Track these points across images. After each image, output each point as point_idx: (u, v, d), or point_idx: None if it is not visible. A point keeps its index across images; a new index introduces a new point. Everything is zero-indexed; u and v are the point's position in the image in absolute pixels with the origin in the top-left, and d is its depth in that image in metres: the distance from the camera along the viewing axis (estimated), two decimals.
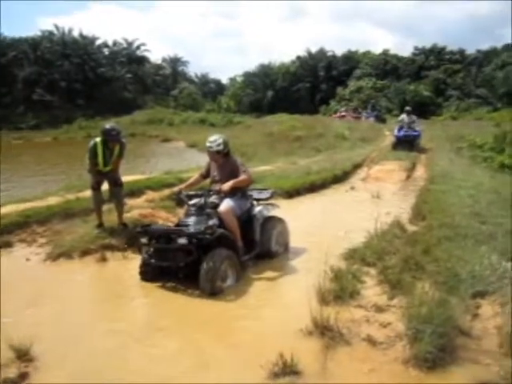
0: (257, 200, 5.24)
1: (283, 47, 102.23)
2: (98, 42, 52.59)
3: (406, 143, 14.67)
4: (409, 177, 10.99)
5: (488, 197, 6.89)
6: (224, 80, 67.21)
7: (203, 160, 5.50)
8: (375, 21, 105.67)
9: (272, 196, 5.42)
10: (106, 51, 54.13)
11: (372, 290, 3.92)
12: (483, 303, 3.52)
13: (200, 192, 4.91)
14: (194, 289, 4.15)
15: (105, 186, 5.86)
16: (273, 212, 5.32)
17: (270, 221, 5.18)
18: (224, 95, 55.62)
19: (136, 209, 6.43)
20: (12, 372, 2.84)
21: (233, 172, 4.77)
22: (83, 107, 43.05)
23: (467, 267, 3.91)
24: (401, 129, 15.37)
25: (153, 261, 4.36)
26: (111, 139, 5.51)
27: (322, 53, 54.49)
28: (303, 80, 51.82)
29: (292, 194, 8.63)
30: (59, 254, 5.15)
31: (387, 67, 49.47)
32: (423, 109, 35.26)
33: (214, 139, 4.82)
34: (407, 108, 16.70)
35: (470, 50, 49.29)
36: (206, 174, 5.09)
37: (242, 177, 4.73)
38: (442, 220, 5.62)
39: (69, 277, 4.77)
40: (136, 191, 7.50)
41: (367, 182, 10.48)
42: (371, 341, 3.10)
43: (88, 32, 51.26)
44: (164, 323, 3.71)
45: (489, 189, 7.65)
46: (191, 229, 4.24)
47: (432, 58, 48.41)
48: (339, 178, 10.57)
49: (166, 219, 6.27)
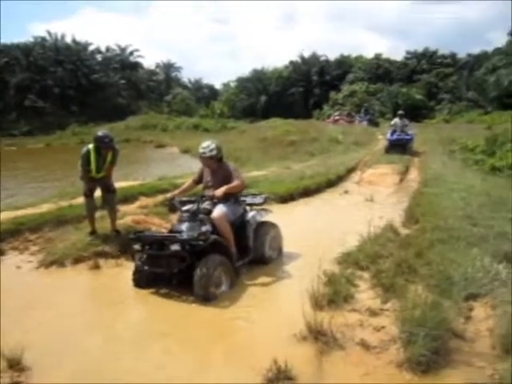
0: (250, 205, 5.25)
1: (276, 52, 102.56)
2: (91, 48, 52.65)
3: (399, 147, 14.75)
4: (402, 180, 11.05)
5: (479, 199, 6.93)
6: (217, 85, 67.45)
7: (196, 166, 5.49)
8: (368, 25, 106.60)
9: (265, 201, 5.41)
10: (99, 57, 54.17)
11: (366, 294, 3.93)
12: (476, 305, 3.54)
13: (193, 198, 4.90)
14: (188, 295, 4.14)
15: (98, 193, 5.83)
16: (266, 217, 5.32)
17: (264, 226, 5.17)
18: (217, 100, 55.70)
19: (129, 215, 6.40)
20: (4, 382, 2.81)
21: (226, 178, 4.77)
22: (76, 113, 42.99)
23: (460, 270, 3.93)
24: (394, 132, 15.47)
25: (146, 267, 4.34)
26: (104, 146, 5.50)
27: (315, 57, 54.74)
28: (296, 85, 52.01)
29: (286, 199, 8.64)
30: (51, 262, 5.12)
31: (380, 71, 49.80)
32: (416, 112, 35.43)
33: (207, 145, 4.82)
34: (400, 112, 16.81)
35: (461, 54, 49.83)
36: (199, 180, 5.08)
37: (235, 182, 4.73)
38: (435, 223, 5.65)
39: (61, 284, 4.74)
40: (129, 197, 7.48)
41: (361, 186, 10.52)
42: (365, 345, 3.11)
43: (81, 38, 51.33)
44: (157, 330, 3.69)
45: (480, 191, 7.70)
46: (184, 235, 4.22)
47: (424, 62, 48.83)
48: (333, 182, 10.59)
49: (160, 225, 6.25)
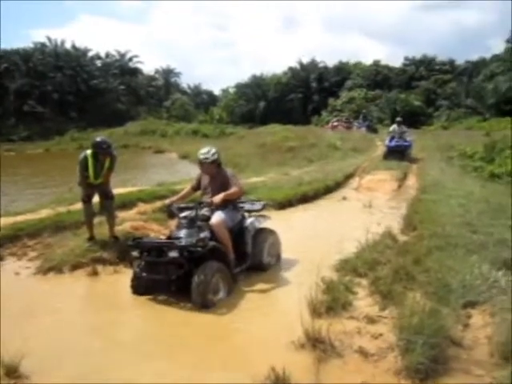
0: (248, 212, 5.25)
1: (275, 58, 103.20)
2: (91, 54, 52.84)
3: (397, 153, 14.80)
4: (400, 186, 11.07)
5: (478, 206, 6.93)
6: (216, 91, 67.74)
7: (195, 171, 5.50)
8: (366, 31, 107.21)
9: (264, 208, 5.41)
10: (99, 63, 54.39)
11: (364, 301, 3.93)
12: (474, 313, 3.53)
13: (191, 204, 4.90)
14: (186, 302, 4.13)
15: (96, 199, 5.83)
16: (264, 223, 5.32)
17: (262, 233, 5.17)
18: (216, 106, 55.90)
19: (128, 221, 6.39)
20: None
21: (224, 184, 4.77)
22: (75, 119, 43.08)
23: (458, 277, 3.93)
24: (392, 139, 15.53)
25: (144, 274, 4.33)
26: (102, 152, 5.49)
27: (314, 64, 55.02)
28: (295, 91, 52.22)
29: (284, 205, 8.64)
30: (49, 268, 5.10)
31: (378, 78, 50.07)
32: (414, 119, 35.57)
33: (207, 150, 4.83)
34: (398, 119, 16.91)
35: (460, 61, 50.14)
36: (197, 187, 5.09)
37: (234, 189, 4.73)
38: (433, 230, 5.65)
39: (59, 291, 4.72)
40: (128, 203, 7.47)
41: (359, 192, 10.54)
42: (363, 352, 3.10)
43: (80, 44, 51.57)
44: (155, 337, 3.69)
45: (479, 198, 7.71)
46: (183, 241, 4.22)
47: (422, 69, 49.13)
48: (331, 189, 10.61)
49: (158, 232, 6.25)
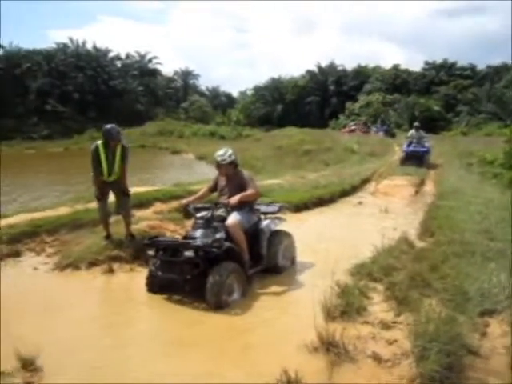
0: (264, 214, 5.25)
1: (293, 61, 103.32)
2: (111, 55, 53.49)
3: (415, 159, 14.64)
4: (417, 192, 10.94)
5: (498, 214, 6.83)
6: (235, 93, 67.96)
7: (212, 172, 5.52)
8: (386, 35, 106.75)
9: (280, 210, 5.40)
10: (119, 64, 54.98)
11: (379, 307, 3.89)
12: (492, 322, 3.47)
13: (208, 205, 4.92)
14: (200, 302, 4.15)
15: (111, 198, 5.85)
16: (280, 226, 5.32)
17: (277, 235, 5.17)
18: (234, 108, 56.03)
19: (144, 220, 6.45)
20: (17, 382, 2.85)
21: (241, 185, 4.79)
22: (95, 119, 43.59)
23: (475, 285, 3.87)
24: (410, 144, 15.38)
25: (160, 273, 4.36)
26: (111, 138, 5.50)
27: (332, 67, 54.86)
28: (313, 94, 52.13)
29: (300, 208, 8.62)
30: (67, 265, 5.18)
31: (397, 82, 49.64)
32: (433, 124, 35.24)
33: (224, 152, 4.85)
34: (416, 124, 16.74)
35: (481, 66, 49.37)
36: (214, 188, 5.11)
37: (250, 191, 4.74)
38: (451, 236, 5.58)
39: (75, 287, 4.79)
40: (145, 202, 7.54)
41: (375, 197, 10.45)
42: (377, 358, 3.06)
43: (101, 45, 52.22)
44: (168, 335, 3.71)
45: (498, 205, 7.59)
46: (198, 242, 4.24)
47: (442, 74, 48.54)
48: (347, 192, 10.55)
49: (174, 231, 6.29)
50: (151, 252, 4.42)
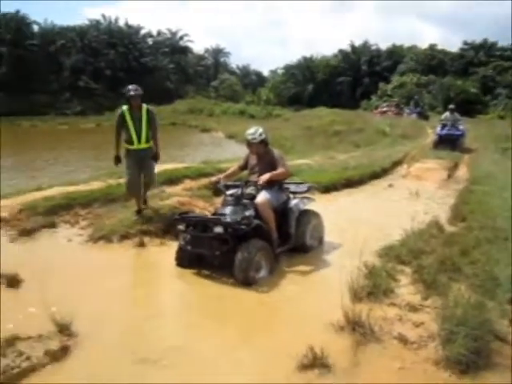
0: (293, 193, 5.26)
1: (325, 40, 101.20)
2: (143, 32, 53.64)
3: (449, 142, 14.23)
4: (450, 176, 10.70)
5: None
6: (265, 72, 67.33)
7: (241, 151, 5.55)
8: (422, 14, 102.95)
9: (309, 190, 5.40)
10: (150, 41, 55.13)
11: (406, 289, 3.88)
12: None
13: (238, 183, 4.97)
14: (228, 277, 4.23)
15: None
16: (309, 206, 5.33)
17: (306, 214, 5.18)
18: (264, 87, 55.55)
19: (174, 196, 6.56)
20: (54, 345, 3.00)
21: (271, 164, 4.80)
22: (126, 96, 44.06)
23: (506, 271, 3.80)
24: (443, 127, 14.94)
25: (189, 247, 4.46)
26: (133, 96, 5.53)
27: (366, 47, 53.50)
28: (345, 74, 51.08)
29: (329, 189, 8.57)
30: (100, 237, 5.34)
31: (433, 62, 47.93)
32: (469, 107, 34.05)
33: (255, 130, 4.86)
34: (451, 106, 16.22)
35: None
36: (244, 166, 5.14)
37: (280, 170, 4.75)
38: (483, 222, 5.47)
39: (108, 259, 4.95)
40: (174, 179, 7.64)
41: (407, 180, 10.28)
42: (403, 339, 3.08)
43: (133, 22, 52.41)
44: (197, 308, 3.81)
45: None
46: (228, 218, 4.30)
47: (482, 54, 46.57)
48: (378, 175, 10.40)
49: (203, 208, 6.38)
50: (181, 227, 4.50)
